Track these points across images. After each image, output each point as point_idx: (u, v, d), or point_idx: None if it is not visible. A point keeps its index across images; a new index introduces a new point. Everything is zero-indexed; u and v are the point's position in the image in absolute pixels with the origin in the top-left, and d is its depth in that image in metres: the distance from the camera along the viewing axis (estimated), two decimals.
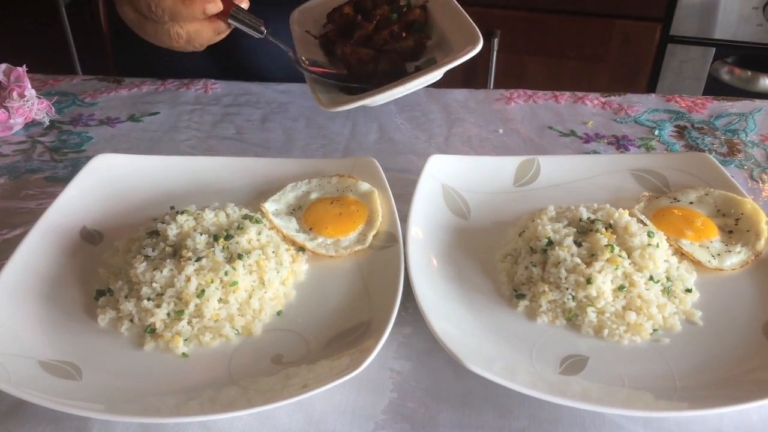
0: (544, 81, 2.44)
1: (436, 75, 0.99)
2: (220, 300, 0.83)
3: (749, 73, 2.32)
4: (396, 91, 0.96)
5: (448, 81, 1.83)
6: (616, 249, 0.86)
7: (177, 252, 0.87)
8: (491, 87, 2.47)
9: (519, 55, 2.43)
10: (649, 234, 0.89)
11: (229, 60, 1.54)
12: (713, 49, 2.31)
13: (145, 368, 0.78)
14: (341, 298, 0.87)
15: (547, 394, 0.70)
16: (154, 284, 0.83)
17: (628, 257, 0.86)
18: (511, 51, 2.42)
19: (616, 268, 0.84)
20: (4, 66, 1.32)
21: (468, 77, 2.56)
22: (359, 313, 0.84)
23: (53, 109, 1.35)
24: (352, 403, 0.76)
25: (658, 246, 0.88)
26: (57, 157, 1.23)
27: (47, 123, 1.33)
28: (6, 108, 1.27)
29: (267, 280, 0.86)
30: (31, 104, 1.29)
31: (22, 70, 1.31)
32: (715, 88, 2.32)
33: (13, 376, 0.73)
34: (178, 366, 0.78)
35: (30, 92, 1.30)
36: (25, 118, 1.31)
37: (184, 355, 0.79)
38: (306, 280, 0.91)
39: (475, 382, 0.76)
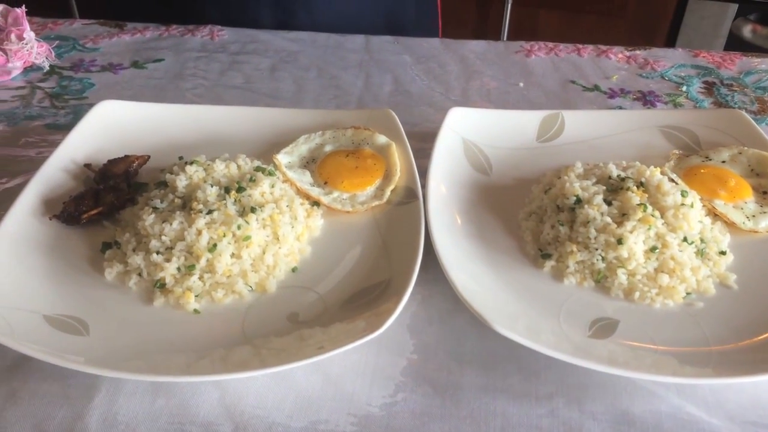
0: (558, 35, 2.36)
1: None
2: (232, 255, 0.79)
3: None
4: None
5: (459, 33, 1.76)
6: (649, 208, 0.82)
7: (187, 204, 0.83)
8: (504, 40, 2.40)
9: (533, 8, 2.35)
10: (683, 193, 0.85)
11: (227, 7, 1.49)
12: (735, 6, 2.23)
13: (154, 324, 0.74)
14: (359, 256, 0.83)
15: (577, 357, 0.67)
16: (163, 237, 0.79)
17: (661, 217, 0.82)
18: (526, 4, 2.33)
19: (649, 229, 0.80)
20: (0, 7, 1.25)
21: (479, 30, 2.48)
22: (378, 272, 0.80)
23: (53, 54, 1.29)
24: (372, 364, 0.72)
25: (692, 206, 0.84)
26: (58, 103, 1.18)
27: (47, 68, 1.27)
28: (4, 51, 1.21)
29: (281, 234, 0.82)
30: (30, 47, 1.24)
31: (20, 11, 1.25)
32: (736, 45, 2.25)
33: (17, 330, 0.69)
34: (189, 323, 0.75)
35: (29, 35, 1.24)
36: (24, 63, 1.25)
37: (195, 311, 0.76)
38: (321, 236, 0.87)
39: (499, 344, 0.73)
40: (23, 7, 1.25)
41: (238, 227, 0.79)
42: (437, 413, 0.68)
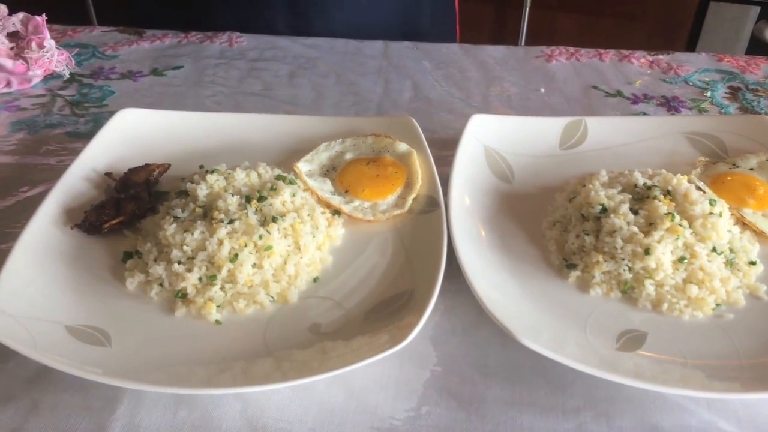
0: (577, 39, 2.33)
1: None
2: (254, 265, 0.78)
3: None
4: None
5: (476, 37, 1.75)
6: (677, 218, 0.80)
7: (208, 214, 0.82)
8: (522, 44, 2.38)
9: (552, 11, 2.33)
10: (711, 202, 0.83)
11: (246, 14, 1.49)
12: (758, 9, 2.20)
13: (176, 335, 0.74)
14: (381, 265, 0.82)
15: (604, 371, 0.66)
16: (184, 247, 0.78)
17: (689, 227, 0.80)
18: (544, 7, 2.31)
19: (677, 238, 0.78)
20: (21, 15, 1.26)
21: (496, 34, 2.46)
22: (401, 282, 0.79)
23: (73, 62, 1.29)
24: (394, 377, 0.71)
25: (721, 215, 0.82)
26: (78, 111, 1.18)
27: (67, 75, 1.28)
28: (25, 59, 1.22)
29: (303, 244, 0.81)
30: (50, 55, 1.24)
31: (41, 19, 1.25)
32: (758, 49, 2.21)
33: (39, 341, 0.69)
34: (211, 334, 0.74)
35: (49, 43, 1.24)
36: (45, 70, 1.25)
37: (217, 322, 0.75)
38: (343, 246, 0.86)
39: (524, 357, 0.72)
40: (43, 15, 1.26)
41: (260, 237, 0.79)
42: (462, 427, 0.66)
